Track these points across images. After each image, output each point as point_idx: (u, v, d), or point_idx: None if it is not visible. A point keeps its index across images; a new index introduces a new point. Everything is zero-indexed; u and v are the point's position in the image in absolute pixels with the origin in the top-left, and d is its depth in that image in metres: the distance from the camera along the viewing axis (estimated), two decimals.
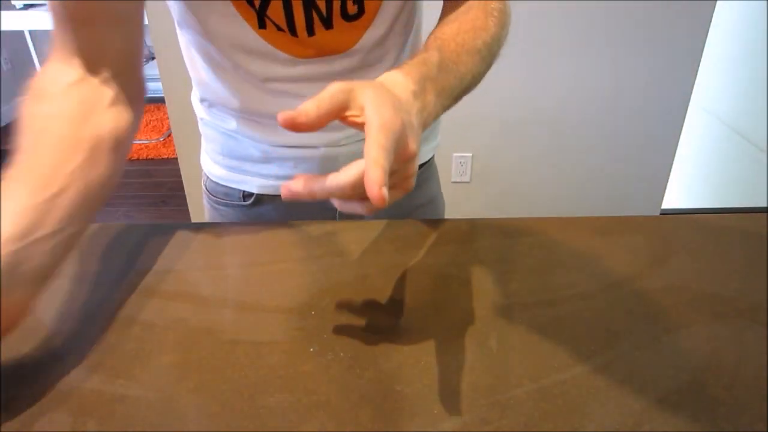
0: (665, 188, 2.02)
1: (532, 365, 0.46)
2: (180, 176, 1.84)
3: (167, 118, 2.18)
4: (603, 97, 1.83)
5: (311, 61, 0.61)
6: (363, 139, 0.55)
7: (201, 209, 2.16)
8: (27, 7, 3.18)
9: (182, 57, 0.68)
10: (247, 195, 0.73)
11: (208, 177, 0.77)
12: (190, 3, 0.58)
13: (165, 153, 3.10)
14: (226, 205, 0.75)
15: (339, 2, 0.57)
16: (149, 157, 3.07)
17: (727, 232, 0.66)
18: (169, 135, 3.23)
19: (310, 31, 0.58)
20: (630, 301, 0.54)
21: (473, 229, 0.66)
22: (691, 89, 1.84)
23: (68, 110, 0.47)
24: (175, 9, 0.61)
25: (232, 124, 0.68)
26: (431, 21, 0.67)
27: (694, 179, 2.62)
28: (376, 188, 0.34)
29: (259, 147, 0.69)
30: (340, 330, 0.50)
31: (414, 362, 0.47)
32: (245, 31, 0.58)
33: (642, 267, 0.58)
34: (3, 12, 3.11)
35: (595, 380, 0.45)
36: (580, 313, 0.52)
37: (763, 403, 0.40)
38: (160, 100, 3.68)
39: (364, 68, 0.64)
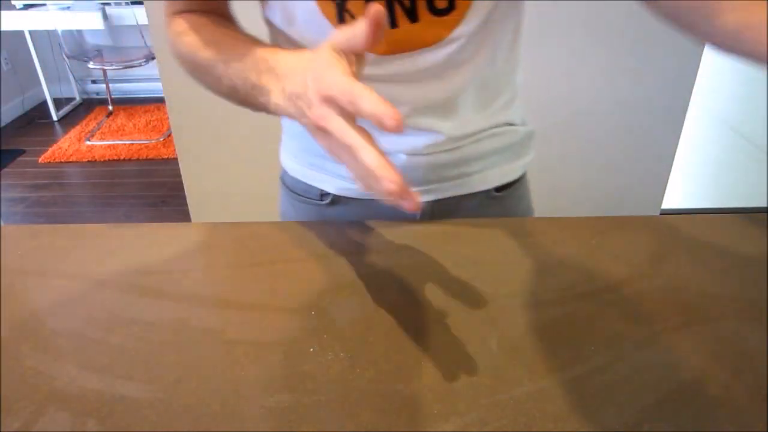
0: (665, 188, 2.02)
1: (532, 365, 0.46)
2: (180, 176, 1.84)
3: (167, 118, 2.18)
4: (603, 97, 1.83)
5: (394, 58, 0.59)
6: (445, 150, 0.65)
7: (201, 209, 2.15)
8: (27, 7, 3.18)
9: None
10: (324, 194, 0.71)
11: (286, 172, 0.76)
12: (277, 2, 0.58)
13: (165, 153, 3.10)
14: (304, 202, 0.74)
15: None
16: (149, 157, 3.07)
17: (727, 232, 0.66)
18: (169, 135, 3.23)
19: (393, 23, 0.56)
20: (630, 301, 0.54)
21: (474, 229, 0.66)
22: (691, 89, 1.83)
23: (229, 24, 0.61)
24: (263, 8, 0.62)
25: None
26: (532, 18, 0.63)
27: (694, 179, 2.62)
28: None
29: None
30: (340, 330, 0.50)
31: (414, 362, 0.47)
32: (325, 27, 0.56)
33: (642, 267, 0.58)
34: (3, 12, 3.11)
35: (594, 380, 0.45)
36: (580, 313, 0.52)
37: (763, 403, 0.40)
38: (160, 100, 3.69)
39: (452, 68, 0.60)
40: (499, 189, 0.72)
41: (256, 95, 0.51)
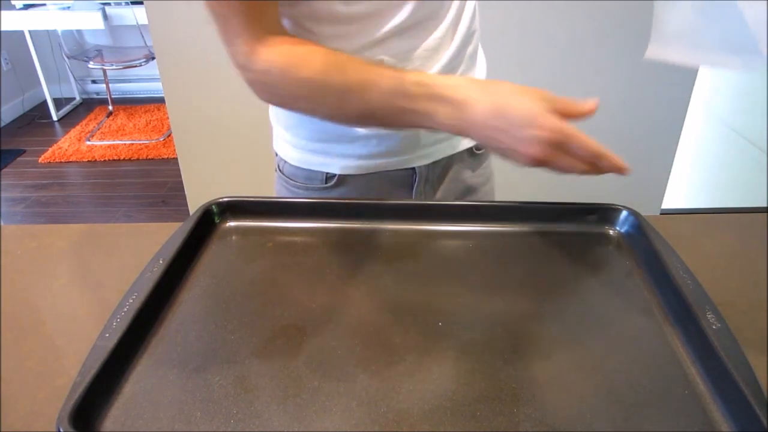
0: (665, 188, 2.02)
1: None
2: (180, 176, 1.84)
3: (167, 118, 2.18)
4: (602, 97, 1.83)
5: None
6: None
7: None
8: (27, 7, 3.18)
9: (182, 57, 0.68)
10: (329, 177, 0.74)
11: (286, 162, 0.77)
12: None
13: (165, 153, 3.10)
14: (306, 188, 0.76)
15: None
16: (149, 157, 3.07)
17: (727, 232, 0.66)
18: (169, 135, 3.23)
19: None
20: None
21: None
22: (691, 89, 1.83)
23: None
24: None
25: None
26: None
27: (694, 179, 2.62)
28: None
29: (345, 128, 0.70)
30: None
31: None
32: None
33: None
34: (3, 12, 3.11)
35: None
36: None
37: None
38: (160, 100, 3.69)
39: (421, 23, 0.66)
40: (478, 147, 0.80)
41: (409, 118, 0.57)
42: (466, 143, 0.78)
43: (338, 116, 0.62)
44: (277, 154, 0.79)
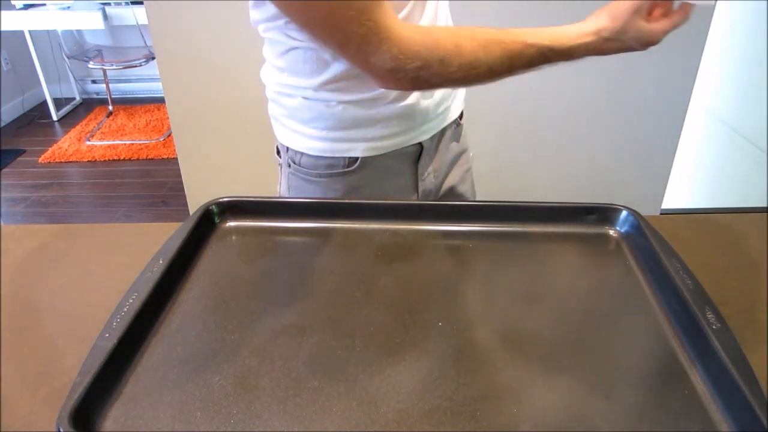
0: (665, 188, 2.02)
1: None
2: (180, 176, 1.84)
3: (167, 118, 2.18)
4: (603, 96, 1.83)
5: None
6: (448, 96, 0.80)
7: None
8: (27, 7, 3.18)
9: (182, 57, 0.68)
10: (352, 161, 0.76)
11: (303, 154, 0.78)
12: None
13: (165, 153, 3.10)
14: (329, 176, 0.77)
15: None
16: (149, 157, 3.07)
17: (727, 232, 0.66)
18: (169, 135, 3.23)
19: None
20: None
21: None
22: (691, 89, 1.83)
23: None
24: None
25: (348, 96, 0.71)
26: None
27: (694, 179, 2.62)
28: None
29: (368, 113, 0.73)
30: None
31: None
32: None
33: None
34: (3, 12, 3.11)
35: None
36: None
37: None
38: (160, 100, 3.68)
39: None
40: (460, 117, 0.86)
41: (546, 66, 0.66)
42: (454, 114, 0.83)
43: (486, 81, 0.65)
44: (288, 150, 0.79)
